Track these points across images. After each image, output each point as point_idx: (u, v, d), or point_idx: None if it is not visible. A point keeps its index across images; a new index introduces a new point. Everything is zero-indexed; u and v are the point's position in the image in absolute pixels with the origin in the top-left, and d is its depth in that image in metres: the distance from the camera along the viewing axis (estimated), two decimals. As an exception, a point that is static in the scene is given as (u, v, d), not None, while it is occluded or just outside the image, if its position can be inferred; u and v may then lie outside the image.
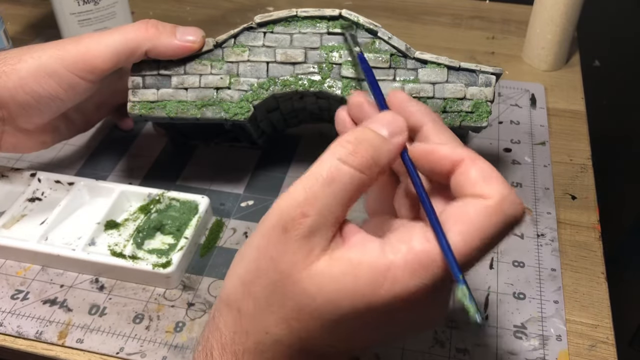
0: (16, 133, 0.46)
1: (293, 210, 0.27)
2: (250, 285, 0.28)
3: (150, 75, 0.44)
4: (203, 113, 0.44)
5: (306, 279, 0.27)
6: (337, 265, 0.27)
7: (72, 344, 0.40)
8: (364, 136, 0.28)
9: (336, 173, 0.27)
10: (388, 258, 0.26)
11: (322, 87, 0.43)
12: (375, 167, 0.28)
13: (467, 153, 0.28)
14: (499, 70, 0.43)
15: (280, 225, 0.27)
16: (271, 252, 0.27)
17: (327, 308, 0.27)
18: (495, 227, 0.26)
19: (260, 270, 0.28)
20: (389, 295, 0.26)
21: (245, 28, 0.44)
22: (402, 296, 0.26)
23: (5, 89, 0.42)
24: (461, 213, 0.27)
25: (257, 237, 0.28)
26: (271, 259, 0.27)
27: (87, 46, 0.43)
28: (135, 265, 0.42)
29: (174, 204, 0.47)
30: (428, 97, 0.43)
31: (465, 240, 0.26)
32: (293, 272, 0.27)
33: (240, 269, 0.29)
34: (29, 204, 0.49)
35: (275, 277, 0.27)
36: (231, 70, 0.44)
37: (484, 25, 0.74)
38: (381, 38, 0.43)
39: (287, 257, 0.27)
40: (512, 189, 0.27)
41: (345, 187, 0.27)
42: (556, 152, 0.55)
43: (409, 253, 0.26)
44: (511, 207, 0.27)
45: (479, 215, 0.26)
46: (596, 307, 0.42)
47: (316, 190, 0.27)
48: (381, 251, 0.27)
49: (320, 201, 0.27)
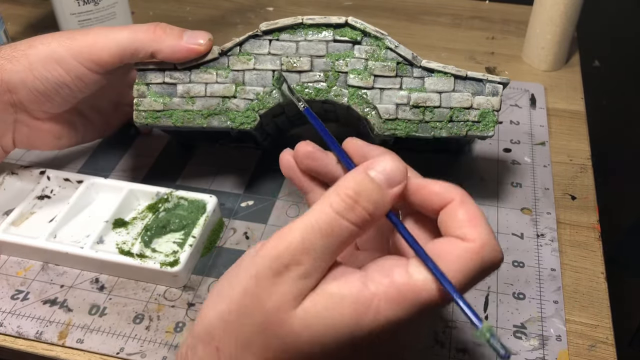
0: (29, 122, 0.46)
1: (288, 258, 0.27)
2: (232, 324, 0.28)
3: (156, 83, 0.44)
4: (209, 122, 0.44)
5: (292, 318, 0.27)
6: (320, 301, 0.27)
7: (72, 344, 0.40)
8: (364, 188, 0.28)
9: (335, 227, 0.27)
10: (370, 290, 0.27)
11: (328, 96, 0.43)
12: (372, 222, 0.28)
13: (458, 193, 0.29)
14: (507, 80, 0.43)
15: (273, 269, 0.27)
16: (259, 294, 0.27)
17: (312, 344, 0.27)
18: (473, 270, 0.27)
19: (245, 310, 0.28)
20: (371, 327, 0.27)
21: (251, 36, 0.44)
22: (385, 327, 0.27)
23: (15, 73, 0.43)
24: (445, 252, 0.28)
25: (244, 276, 0.28)
26: (258, 300, 0.27)
27: (95, 38, 0.43)
28: (143, 264, 0.42)
29: (182, 202, 0.47)
30: (435, 107, 0.43)
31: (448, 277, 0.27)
32: (280, 313, 0.27)
33: (222, 305, 0.29)
34: (38, 201, 0.49)
35: (261, 319, 0.27)
36: (237, 78, 0.44)
37: (483, 26, 0.74)
38: (388, 46, 0.43)
39: (275, 298, 0.27)
40: (493, 235, 0.28)
41: (342, 240, 0.28)
42: (556, 152, 0.55)
43: (391, 286, 0.27)
44: (491, 253, 0.28)
45: (460, 257, 0.27)
46: (596, 307, 0.42)
47: (313, 241, 0.27)
48: (363, 284, 0.27)
49: (316, 252, 0.27)
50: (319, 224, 0.27)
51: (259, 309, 0.27)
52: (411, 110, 0.43)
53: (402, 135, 0.43)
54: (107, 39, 0.43)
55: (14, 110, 0.45)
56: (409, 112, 0.43)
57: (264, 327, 0.27)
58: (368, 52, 0.43)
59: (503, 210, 0.48)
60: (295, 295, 0.27)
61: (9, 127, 0.46)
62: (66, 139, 0.50)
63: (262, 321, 0.27)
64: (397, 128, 0.43)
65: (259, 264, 0.28)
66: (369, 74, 0.43)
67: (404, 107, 0.43)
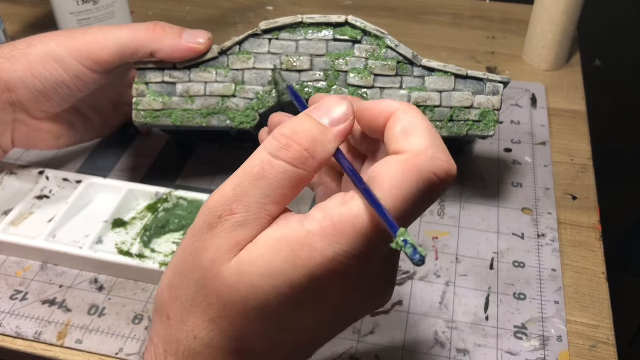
0: (29, 122, 0.46)
1: (221, 208, 0.25)
2: (176, 288, 0.27)
3: (155, 83, 0.44)
4: (209, 122, 0.44)
5: (227, 270, 0.25)
6: (255, 249, 0.25)
7: (71, 345, 0.40)
8: (300, 127, 0.26)
9: (268, 168, 0.25)
10: (305, 228, 0.24)
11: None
12: (312, 160, 0.26)
13: (398, 106, 0.26)
14: (507, 79, 0.43)
15: (206, 223, 0.26)
16: (195, 251, 0.26)
17: (251, 296, 0.25)
18: (410, 185, 0.24)
19: (185, 271, 0.26)
20: (309, 268, 0.24)
21: (251, 35, 0.44)
22: (324, 266, 0.24)
23: (15, 72, 0.43)
24: (378, 172, 0.24)
25: (185, 238, 0.27)
26: (195, 257, 0.26)
27: (94, 37, 0.43)
28: (142, 264, 0.42)
29: (182, 202, 0.47)
30: (435, 106, 0.43)
31: (385, 200, 0.23)
32: (214, 266, 0.25)
33: (168, 272, 0.28)
34: (37, 201, 0.49)
35: (199, 275, 0.26)
36: (236, 78, 0.44)
37: (484, 25, 0.74)
38: (388, 46, 0.42)
39: (210, 253, 0.25)
40: (434, 143, 0.24)
41: (278, 183, 0.25)
42: (557, 152, 0.54)
43: (325, 219, 0.24)
44: (429, 161, 0.24)
45: (392, 174, 0.24)
46: (597, 308, 0.42)
47: (245, 187, 0.25)
48: (300, 224, 0.25)
49: (250, 198, 0.25)
50: (251, 168, 0.25)
51: (197, 266, 0.26)
52: None
53: None
54: (107, 38, 0.43)
55: (13, 109, 0.45)
56: None
57: (203, 284, 0.26)
58: (368, 51, 0.43)
59: (504, 211, 0.48)
60: (230, 247, 0.25)
61: (8, 126, 0.46)
62: (65, 139, 0.50)
63: (200, 278, 0.26)
64: None
65: (196, 221, 0.26)
66: (369, 73, 0.43)
67: None
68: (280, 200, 0.26)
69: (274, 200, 0.26)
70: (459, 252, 0.45)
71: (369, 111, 0.27)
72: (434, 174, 0.24)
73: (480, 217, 0.48)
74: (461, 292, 0.43)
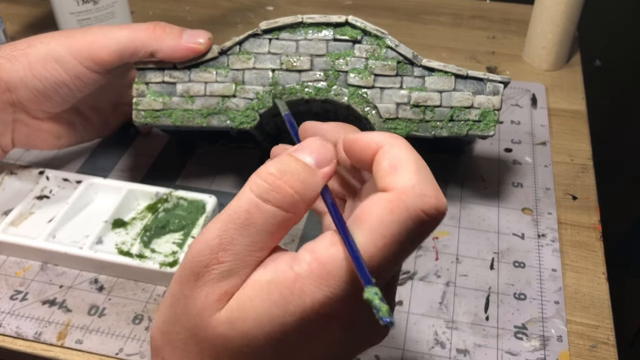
0: (29, 122, 0.46)
1: (206, 258, 0.25)
2: (168, 333, 0.27)
3: (155, 83, 0.44)
4: (209, 122, 0.44)
5: (216, 319, 0.25)
6: (243, 294, 0.25)
7: (71, 345, 0.40)
8: (288, 167, 0.25)
9: (255, 213, 0.24)
10: (294, 271, 0.24)
11: (329, 95, 0.43)
12: (301, 203, 0.25)
13: (384, 139, 0.25)
14: (507, 79, 0.43)
15: (193, 272, 0.25)
16: (184, 299, 0.26)
17: (244, 344, 0.24)
18: (398, 224, 0.23)
19: (174, 318, 0.26)
20: (299, 311, 0.24)
21: (251, 35, 0.43)
22: (314, 309, 0.24)
23: (15, 72, 0.43)
24: (365, 211, 0.24)
25: (172, 282, 0.27)
26: (184, 307, 0.26)
27: (94, 37, 0.43)
28: (142, 264, 0.42)
29: (182, 203, 0.47)
30: (435, 106, 0.43)
31: (372, 240, 0.23)
32: (205, 317, 0.25)
33: (159, 318, 0.28)
34: (37, 201, 0.49)
35: (190, 324, 0.25)
36: (236, 77, 0.44)
37: (484, 25, 0.74)
38: (388, 45, 0.42)
39: (199, 302, 0.25)
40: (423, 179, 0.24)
41: (267, 229, 0.25)
42: (557, 152, 0.54)
43: (314, 261, 0.24)
44: (417, 198, 0.23)
45: (380, 212, 0.23)
46: (597, 308, 0.42)
47: (232, 234, 0.24)
48: (288, 267, 0.24)
49: (237, 246, 0.24)
50: (237, 214, 0.25)
51: (186, 316, 0.26)
52: (412, 109, 0.43)
53: (403, 135, 0.43)
54: (107, 38, 0.43)
55: (13, 109, 0.45)
56: (409, 112, 0.43)
57: (194, 332, 0.25)
58: (368, 51, 0.43)
59: (504, 211, 0.48)
60: (219, 297, 0.25)
61: (8, 126, 0.46)
62: (65, 139, 0.50)
63: (190, 327, 0.26)
64: (398, 127, 0.43)
65: (181, 267, 0.26)
66: (369, 73, 0.43)
67: (405, 106, 0.43)
68: (269, 244, 0.25)
69: (262, 246, 0.25)
70: (459, 252, 0.45)
71: (357, 143, 0.26)
72: (422, 211, 0.23)
73: (480, 217, 0.48)
74: (461, 292, 0.43)
